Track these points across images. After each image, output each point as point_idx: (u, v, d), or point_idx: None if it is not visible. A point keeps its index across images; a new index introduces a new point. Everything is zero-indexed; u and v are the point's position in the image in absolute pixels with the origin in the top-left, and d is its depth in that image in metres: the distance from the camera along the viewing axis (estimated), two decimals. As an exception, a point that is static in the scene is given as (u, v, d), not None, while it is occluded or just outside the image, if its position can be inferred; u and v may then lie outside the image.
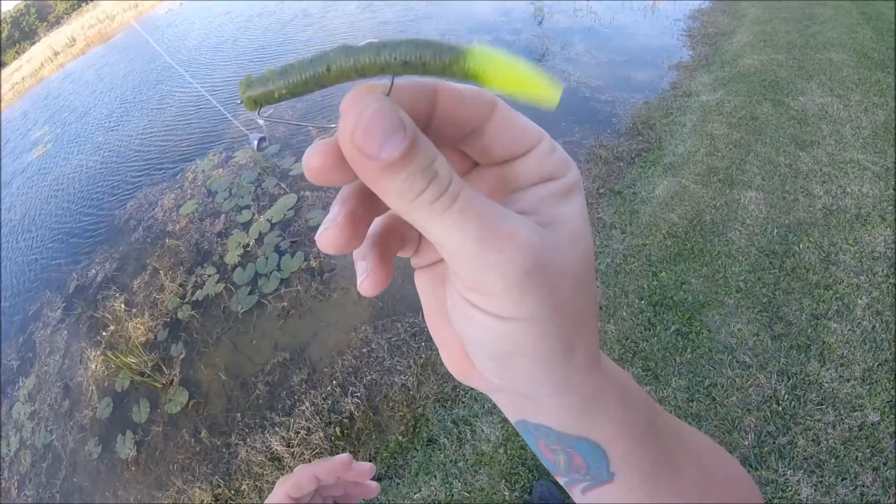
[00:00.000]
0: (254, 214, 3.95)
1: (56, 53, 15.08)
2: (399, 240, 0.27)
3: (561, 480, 0.31)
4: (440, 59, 0.19)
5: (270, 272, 3.40)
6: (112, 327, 3.46)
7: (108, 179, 5.65)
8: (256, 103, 0.20)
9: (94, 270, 4.18)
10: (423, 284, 0.29)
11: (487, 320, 0.22)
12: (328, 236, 0.22)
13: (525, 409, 0.28)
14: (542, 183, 0.24)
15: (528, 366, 0.23)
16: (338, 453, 2.22)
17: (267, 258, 3.53)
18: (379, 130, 0.18)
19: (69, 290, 4.12)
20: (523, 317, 0.21)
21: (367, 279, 0.25)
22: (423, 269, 0.29)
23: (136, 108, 7.40)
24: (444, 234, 0.20)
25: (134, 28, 12.84)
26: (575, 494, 0.31)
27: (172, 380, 2.97)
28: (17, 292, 4.58)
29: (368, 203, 0.24)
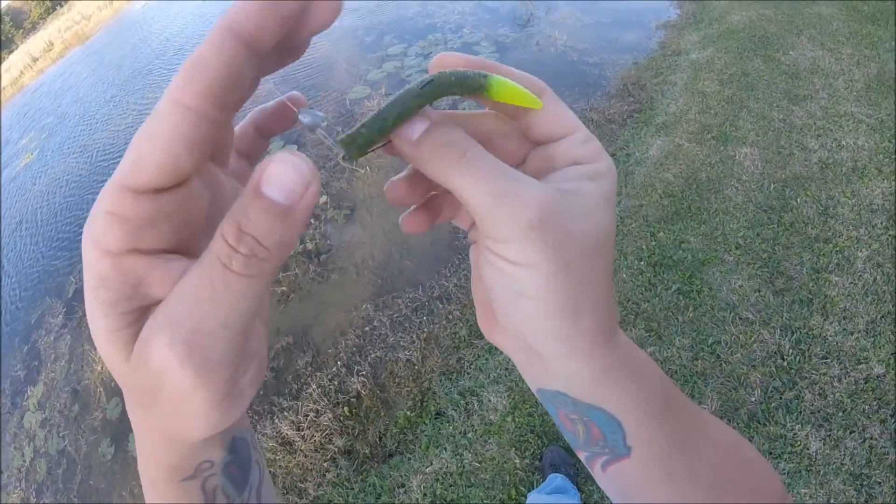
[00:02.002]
0: (245, 201, 3.91)
1: (35, 59, 14.83)
2: (449, 207, 0.32)
3: (582, 456, 0.33)
4: (470, 85, 0.26)
5: (267, 258, 3.38)
6: (114, 327, 3.45)
7: (99, 180, 5.59)
8: (360, 148, 0.26)
9: (91, 272, 4.16)
10: (474, 255, 0.33)
11: (502, 263, 0.26)
12: (391, 188, 0.30)
13: (540, 375, 0.31)
14: (574, 165, 0.28)
15: (536, 310, 0.26)
16: (348, 433, 2.23)
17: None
18: (409, 125, 0.25)
19: (69, 294, 4.09)
20: (529, 263, 0.25)
21: (409, 216, 0.31)
22: (476, 243, 0.33)
23: (122, 105, 7.31)
24: (463, 189, 0.25)
25: (111, 27, 12.64)
26: (596, 472, 0.33)
27: (178, 373, 2.97)
28: (17, 302, 4.55)
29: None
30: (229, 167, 0.28)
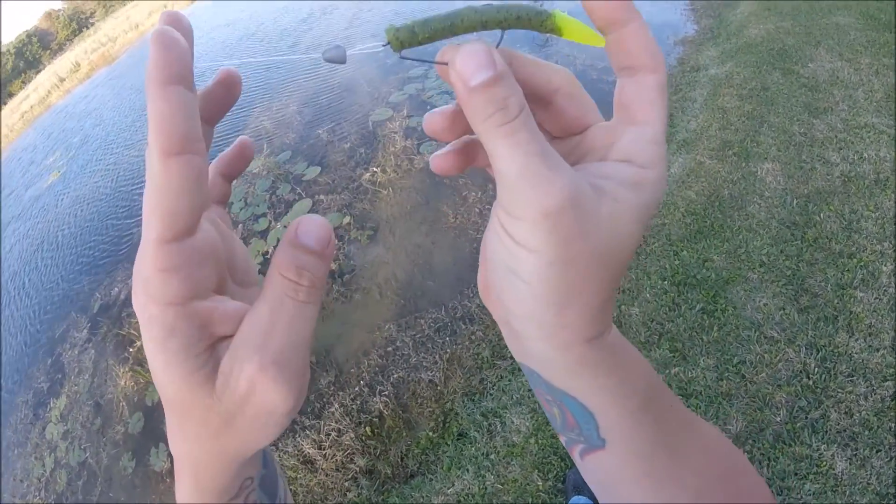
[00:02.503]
0: (270, 222, 3.96)
1: (62, 79, 15.30)
2: (485, 155, 0.31)
3: (562, 440, 0.33)
4: (537, 18, 0.27)
5: (292, 278, 3.40)
6: (139, 343, 3.50)
7: (123, 198, 5.73)
8: (402, 44, 0.26)
9: (117, 289, 4.24)
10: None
11: (507, 239, 0.26)
12: (431, 118, 0.29)
13: (519, 350, 0.31)
14: (625, 163, 0.27)
15: (525, 292, 0.26)
16: (369, 453, 2.24)
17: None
18: (472, 63, 0.24)
19: (94, 309, 4.18)
20: (532, 247, 0.24)
21: (441, 156, 0.31)
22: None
23: (142, 131, 7.49)
24: (497, 155, 0.24)
25: (137, 48, 12.98)
26: (576, 459, 0.33)
27: (202, 390, 3.00)
28: (42, 315, 4.66)
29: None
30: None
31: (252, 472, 0.30)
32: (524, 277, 0.25)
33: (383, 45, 0.26)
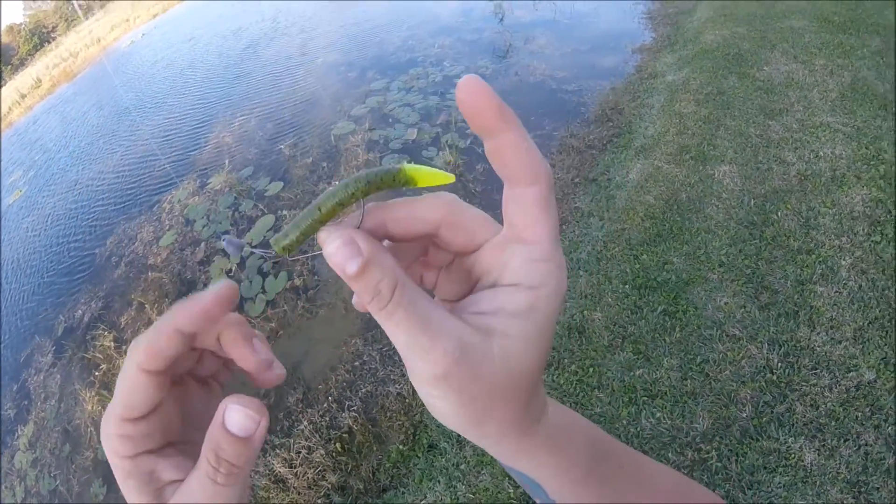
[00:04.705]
0: (234, 239, 3.92)
1: (23, 96, 14.88)
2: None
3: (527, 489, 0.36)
4: (387, 177, 0.28)
5: (256, 295, 3.38)
6: (104, 366, 3.42)
7: (85, 218, 5.59)
8: (287, 250, 0.28)
9: (80, 311, 4.13)
10: None
11: (418, 384, 0.28)
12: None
13: None
14: (515, 288, 0.27)
15: (445, 413, 0.28)
16: (341, 469, 2.20)
17: (251, 281, 3.51)
18: (339, 256, 0.25)
19: (58, 332, 4.06)
20: (437, 395, 0.27)
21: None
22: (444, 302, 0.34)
23: (107, 143, 7.33)
24: (386, 331, 0.26)
25: (98, 64, 12.73)
26: None
27: (169, 412, 2.95)
28: (6, 340, 4.51)
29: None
30: (205, 366, 0.36)
31: None
32: (439, 411, 0.28)
33: (273, 256, 0.29)
